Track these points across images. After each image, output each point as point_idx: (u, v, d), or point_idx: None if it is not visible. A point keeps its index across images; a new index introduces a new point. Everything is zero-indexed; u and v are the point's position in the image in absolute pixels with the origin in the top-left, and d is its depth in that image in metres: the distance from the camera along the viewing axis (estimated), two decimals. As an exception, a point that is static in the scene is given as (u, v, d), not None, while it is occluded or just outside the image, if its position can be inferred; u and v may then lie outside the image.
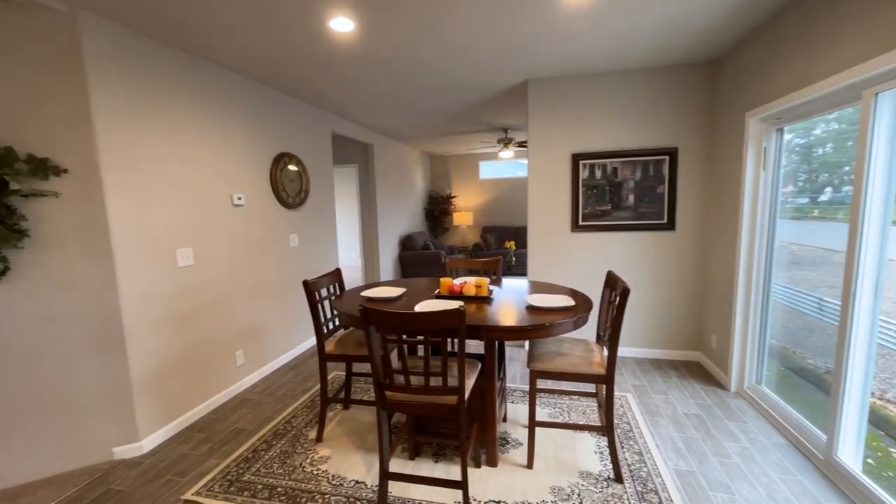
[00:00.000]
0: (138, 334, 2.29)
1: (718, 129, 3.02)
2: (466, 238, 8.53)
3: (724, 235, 2.94)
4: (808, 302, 3.08)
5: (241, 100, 3.07)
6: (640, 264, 3.39)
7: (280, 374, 3.37)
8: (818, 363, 3.25)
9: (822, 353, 2.93)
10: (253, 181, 3.21)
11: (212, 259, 2.81)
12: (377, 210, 5.87)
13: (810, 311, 2.95)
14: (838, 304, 2.56)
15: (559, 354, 2.05)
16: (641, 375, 3.12)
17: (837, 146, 2.39)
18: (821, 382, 3.32)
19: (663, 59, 2.99)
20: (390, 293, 2.30)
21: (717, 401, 2.71)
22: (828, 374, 2.97)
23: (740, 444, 2.21)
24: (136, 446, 2.29)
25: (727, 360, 2.88)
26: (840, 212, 2.50)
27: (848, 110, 1.99)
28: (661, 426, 2.41)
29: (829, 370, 3.13)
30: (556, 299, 2.07)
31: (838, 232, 2.39)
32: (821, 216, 2.57)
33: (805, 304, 2.99)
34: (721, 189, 2.98)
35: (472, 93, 3.74)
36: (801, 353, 3.76)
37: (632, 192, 3.32)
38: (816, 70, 1.98)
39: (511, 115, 4.77)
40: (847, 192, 2.38)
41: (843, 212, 2.44)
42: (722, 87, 2.96)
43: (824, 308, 2.80)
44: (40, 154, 2.00)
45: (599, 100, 3.29)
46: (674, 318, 3.39)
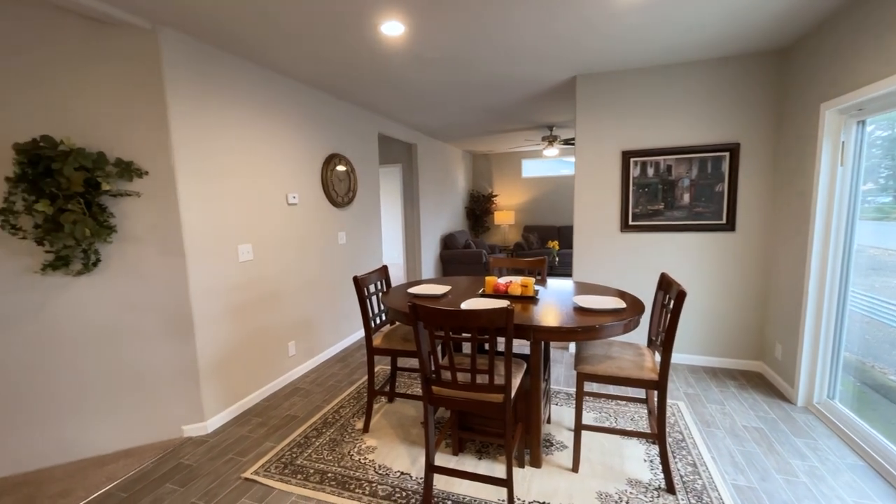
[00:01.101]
0: (204, 323, 2.48)
1: (787, 122, 2.80)
2: (508, 237, 8.46)
3: (792, 237, 2.72)
4: (892, 313, 2.78)
5: (296, 104, 3.23)
6: (696, 266, 3.22)
7: (328, 365, 3.52)
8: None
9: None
10: (305, 181, 3.38)
11: (268, 255, 2.99)
12: (420, 209, 5.97)
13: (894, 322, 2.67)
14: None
15: (608, 358, 2.00)
16: (695, 384, 2.96)
17: None
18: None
19: (727, 49, 2.82)
20: (436, 290, 2.34)
21: (781, 415, 2.52)
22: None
23: (808, 463, 2.05)
24: (202, 426, 2.49)
25: (794, 371, 2.67)
26: None
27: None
28: (716, 438, 2.28)
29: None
30: (605, 301, 2.01)
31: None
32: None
33: (888, 315, 2.71)
34: (790, 187, 2.76)
35: (519, 90, 3.71)
36: (881, 368, 3.41)
37: (687, 190, 3.16)
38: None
39: (557, 112, 4.67)
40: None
41: None
42: (792, 78, 2.74)
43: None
44: (126, 158, 2.22)
45: (653, 94, 3.15)
46: (732, 325, 3.19)
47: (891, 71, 1.90)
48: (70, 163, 1.98)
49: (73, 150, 2.02)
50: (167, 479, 2.07)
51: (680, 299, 1.77)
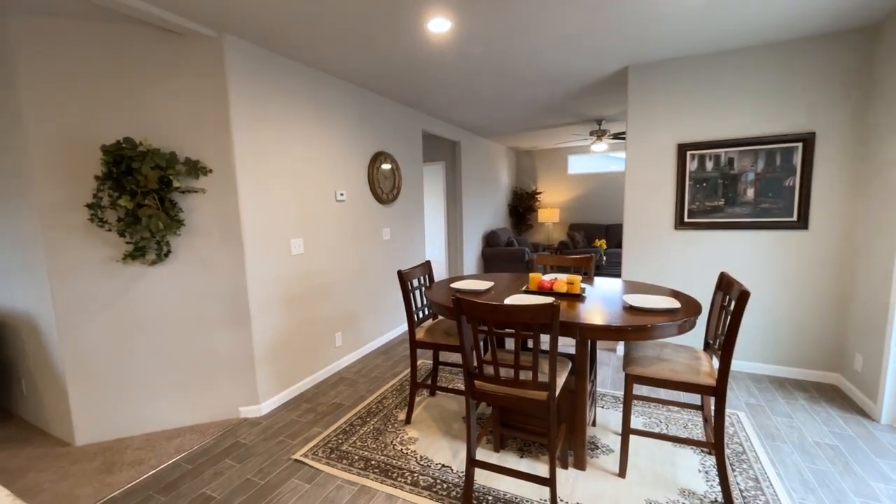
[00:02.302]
0: (259, 312, 2.64)
1: (876, 106, 2.51)
2: (552, 236, 8.27)
3: (878, 235, 2.44)
4: None
5: (344, 103, 3.35)
6: (761, 267, 2.97)
7: (373, 357, 3.62)
8: None
9: None
10: (353, 178, 3.49)
11: (318, 248, 3.12)
12: (462, 206, 5.98)
13: None
14: None
15: (660, 360, 1.90)
16: (758, 393, 2.74)
17: None
18: None
19: (800, 30, 2.57)
20: (479, 286, 2.34)
21: (861, 432, 2.27)
22: None
23: (893, 487, 1.83)
24: (256, 408, 2.65)
25: (878, 385, 2.40)
26: None
27: None
28: (782, 452, 2.10)
29: None
30: (657, 300, 1.91)
31: None
32: None
33: None
34: (878, 180, 2.48)
35: (566, 84, 3.60)
36: None
37: (751, 185, 2.92)
38: None
39: (606, 105, 4.49)
40: None
41: None
42: (883, 55, 2.45)
43: None
44: (193, 157, 2.40)
45: (713, 82, 2.94)
46: (803, 332, 2.91)
47: None
48: (147, 162, 2.18)
49: (150, 151, 2.22)
50: (226, 455, 2.22)
51: (742, 300, 1.64)
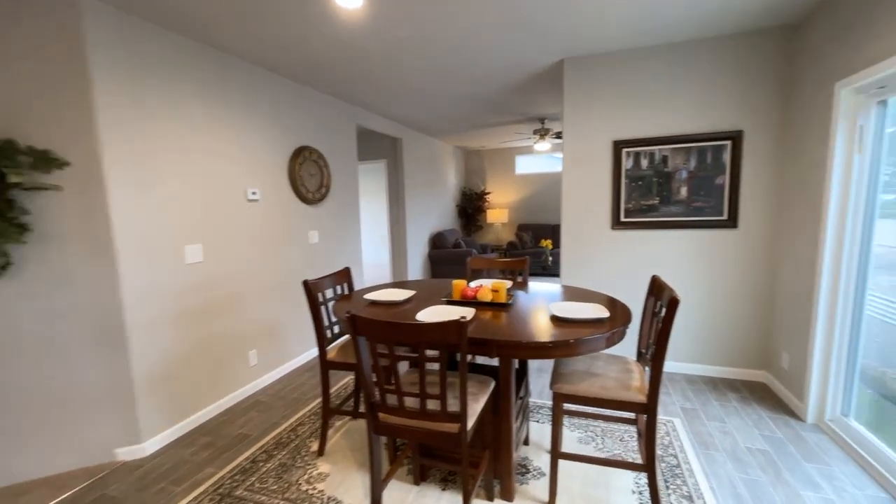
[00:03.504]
0: (142, 332, 2.21)
1: (797, 106, 2.51)
2: (501, 236, 8.18)
3: (801, 234, 2.45)
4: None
5: (257, 90, 2.96)
6: (694, 266, 2.93)
7: (295, 375, 3.25)
8: None
9: None
10: (269, 175, 3.10)
11: (224, 255, 2.71)
12: (406, 207, 5.69)
13: None
14: None
15: (590, 374, 1.72)
16: (693, 396, 2.69)
17: None
18: None
19: (728, 26, 2.53)
20: (397, 296, 2.07)
21: (789, 434, 2.24)
22: None
23: (822, 495, 1.77)
24: (139, 448, 2.22)
25: (803, 383, 2.40)
26: None
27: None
28: (716, 462, 2.01)
29: None
30: (587, 309, 1.74)
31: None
32: None
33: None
34: (799, 178, 2.48)
35: (504, 77, 3.42)
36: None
37: (684, 183, 2.88)
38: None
39: (547, 103, 4.39)
40: None
41: None
42: (804, 55, 2.45)
43: None
44: (41, 146, 1.95)
45: (646, 79, 2.87)
46: (734, 331, 2.91)
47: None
48: (-35, 150, 1.71)
49: (-29, 136, 1.75)
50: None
51: (672, 307, 1.49)
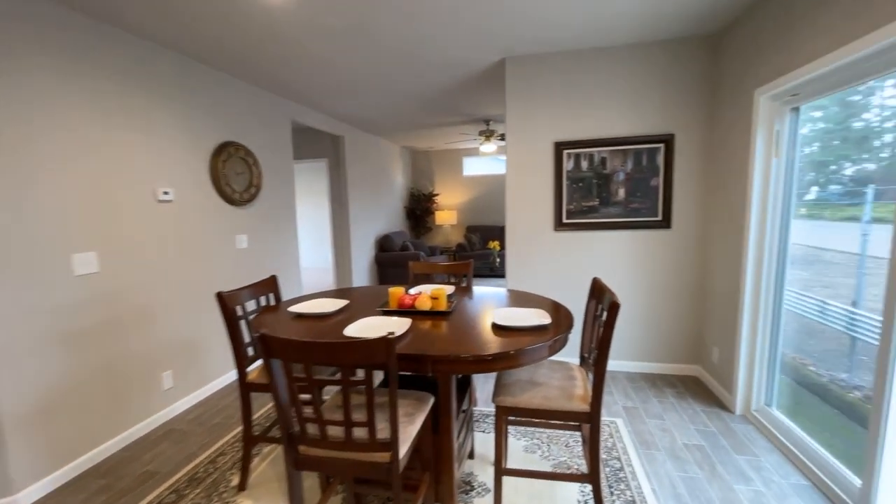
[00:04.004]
0: (13, 358, 1.83)
1: (721, 111, 2.64)
2: (450, 238, 8.12)
3: (727, 233, 2.56)
4: (822, 310, 2.71)
5: (170, 80, 2.61)
6: (632, 267, 3.00)
7: (220, 397, 2.91)
8: (836, 379, 2.93)
9: (840, 368, 2.61)
10: (187, 173, 2.76)
11: (127, 264, 2.35)
12: (349, 208, 5.42)
13: (829, 321, 2.61)
14: (849, 308, 2.23)
15: (533, 384, 1.64)
16: (634, 394, 2.73)
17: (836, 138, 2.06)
18: (841, 403, 2.97)
19: (656, 32, 2.61)
20: (328, 307, 1.87)
21: (721, 427, 2.33)
22: (847, 391, 2.62)
23: (753, 488, 1.83)
24: (11, 501, 1.83)
25: (732, 376, 2.51)
26: (828, 209, 2.21)
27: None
28: (657, 462, 2.02)
29: (843, 385, 2.80)
30: (529, 315, 1.66)
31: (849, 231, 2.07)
32: (810, 214, 2.23)
33: (813, 311, 2.62)
34: (725, 181, 2.60)
35: (446, 74, 3.32)
36: (814, 368, 3.37)
37: (622, 185, 2.93)
38: (851, 27, 1.60)
39: (492, 103, 4.36)
40: (832, 190, 2.11)
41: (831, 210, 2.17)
42: (726, 63, 2.58)
43: (828, 313, 2.49)
44: None
45: (585, 80, 2.89)
46: (669, 328, 3.01)
47: (825, 49, 1.71)
48: None
49: None
50: None
51: (613, 312, 1.45)
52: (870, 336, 2.75)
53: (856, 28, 1.57)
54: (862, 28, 1.55)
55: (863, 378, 3.18)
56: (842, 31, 1.64)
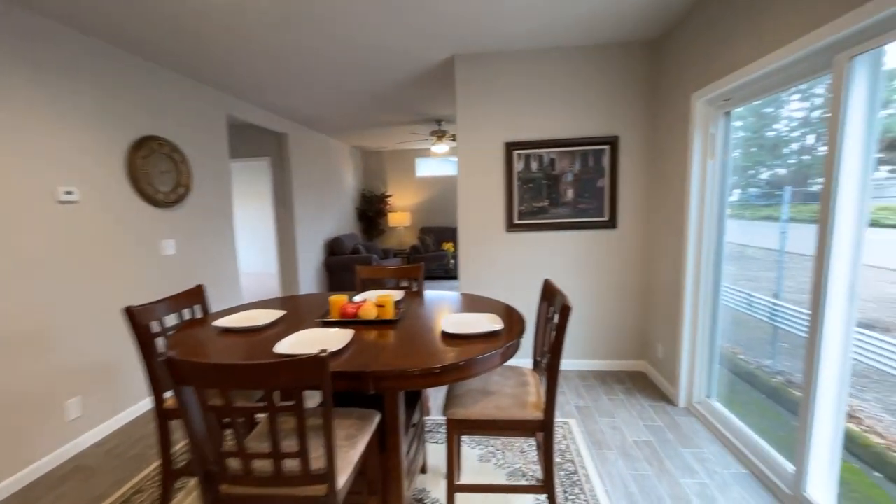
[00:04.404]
0: None
1: (662, 114, 2.73)
2: (404, 240, 7.96)
3: (669, 233, 2.66)
4: (749, 302, 2.91)
5: (73, 63, 2.27)
6: (582, 266, 3.04)
7: (140, 425, 2.58)
8: (762, 366, 3.14)
9: (764, 355, 2.82)
10: (96, 169, 2.42)
11: (17, 277, 2.00)
12: (295, 209, 5.13)
13: (755, 312, 2.79)
14: (771, 300, 2.39)
15: (485, 393, 1.57)
16: (585, 393, 2.76)
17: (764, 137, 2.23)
18: (767, 388, 3.18)
19: (600, 36, 2.65)
20: (261, 319, 1.69)
21: (667, 421, 2.39)
22: (771, 377, 2.82)
23: (698, 480, 1.88)
24: None
25: (675, 370, 2.60)
26: (757, 209, 2.41)
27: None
28: (609, 462, 2.03)
29: (768, 370, 3.03)
30: (480, 321, 1.58)
31: (774, 230, 2.25)
32: (734, 214, 2.40)
33: (742, 304, 2.79)
34: (666, 182, 2.69)
35: (394, 70, 3.19)
36: (747, 358, 3.59)
37: (571, 185, 2.97)
38: (777, 35, 1.68)
39: (443, 103, 4.29)
40: (752, 192, 2.29)
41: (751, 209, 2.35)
42: (666, 68, 2.67)
43: (754, 305, 2.69)
44: None
45: (534, 81, 2.90)
46: (617, 326, 3.08)
47: (752, 57, 1.79)
48: None
49: None
50: None
51: (565, 315, 1.41)
52: (789, 325, 3.02)
53: (778, 38, 1.65)
54: (783, 38, 1.63)
55: (783, 363, 3.48)
56: (766, 40, 1.72)
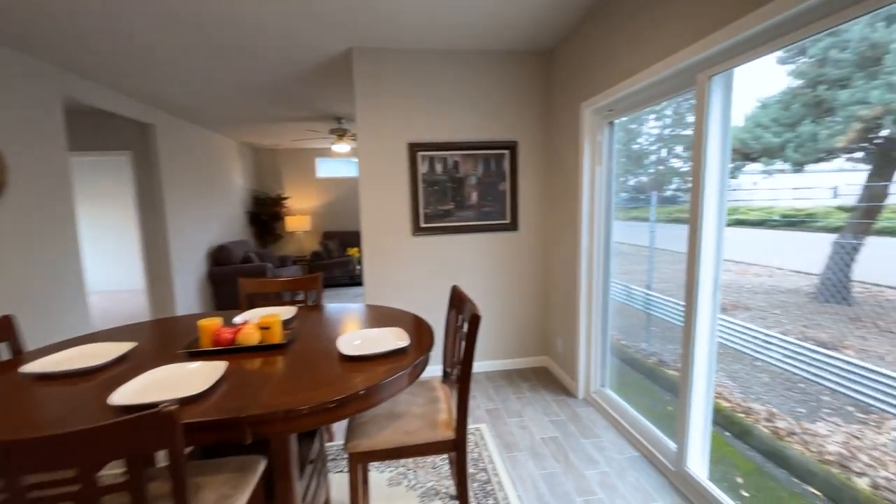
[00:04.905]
0: None
1: (556, 121, 2.88)
2: (304, 246, 7.39)
3: (565, 234, 2.80)
4: (627, 293, 3.25)
5: None
6: (487, 268, 3.08)
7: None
8: (640, 349, 3.54)
9: (640, 339, 3.18)
10: None
11: None
12: (167, 214, 4.36)
13: (632, 301, 3.15)
14: (644, 290, 2.69)
15: (392, 417, 1.43)
16: (494, 394, 2.78)
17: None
18: (644, 368, 3.58)
19: (499, 43, 2.70)
20: (96, 358, 1.31)
21: (568, 413, 2.51)
22: (647, 358, 3.18)
23: (600, 470, 1.98)
24: None
25: (574, 363, 2.75)
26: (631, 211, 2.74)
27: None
28: (520, 464, 2.03)
29: (644, 352, 3.41)
30: (385, 338, 1.43)
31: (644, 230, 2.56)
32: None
33: (621, 295, 3.09)
34: (562, 186, 2.84)
35: (286, 59, 2.86)
36: (630, 346, 4.00)
37: (475, 189, 2.97)
38: (649, 55, 1.84)
39: (343, 99, 4.02)
40: (623, 196, 2.61)
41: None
42: (559, 76, 2.81)
43: (632, 295, 3.05)
44: None
45: (437, 81, 2.84)
46: (521, 324, 3.18)
47: (634, 70, 1.95)
48: None
49: None
50: None
51: (474, 324, 1.34)
52: (659, 311, 3.48)
53: (652, 56, 1.81)
54: (656, 56, 1.78)
55: (654, 346, 3.97)
56: (642, 57, 1.88)
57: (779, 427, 2.75)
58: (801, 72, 3.21)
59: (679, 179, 4.04)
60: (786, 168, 3.77)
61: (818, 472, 2.17)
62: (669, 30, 1.71)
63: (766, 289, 2.94)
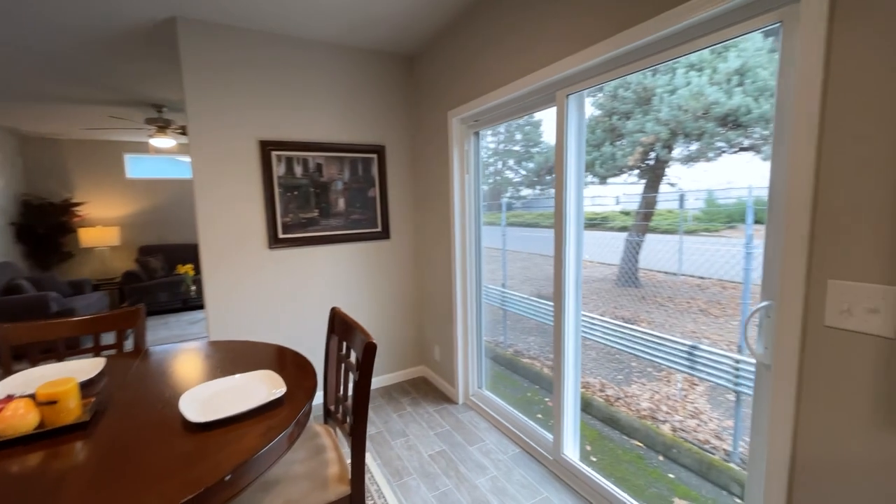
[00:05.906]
0: None
1: (425, 127, 2.84)
2: (110, 265, 5.76)
3: (439, 241, 2.79)
4: (485, 292, 3.43)
5: None
6: (360, 280, 2.85)
7: None
8: (499, 342, 3.79)
9: (498, 333, 3.41)
10: None
11: None
12: None
13: (490, 299, 3.35)
14: (500, 289, 2.91)
15: (268, 486, 1.12)
16: (374, 417, 2.58)
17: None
18: (504, 360, 3.84)
19: (363, 40, 2.52)
20: None
21: (452, 422, 2.49)
22: (505, 350, 3.43)
23: (489, 475, 1.99)
24: None
25: (452, 369, 2.76)
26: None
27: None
28: (412, 491, 1.90)
29: (503, 345, 3.68)
30: (250, 386, 1.11)
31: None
32: None
33: (483, 294, 3.25)
34: (433, 193, 2.81)
35: (80, 19, 2.10)
36: (498, 343, 4.24)
37: (341, 194, 2.72)
38: (512, 70, 1.94)
39: (167, 83, 3.22)
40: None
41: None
42: (427, 82, 2.77)
43: (489, 293, 3.29)
44: None
45: (292, 72, 2.49)
46: (397, 336, 3.06)
47: (498, 84, 2.03)
48: None
49: None
50: None
51: (369, 356, 1.15)
52: (513, 307, 3.79)
53: (515, 71, 1.91)
54: (519, 72, 1.89)
55: (510, 338, 4.34)
56: (506, 73, 1.97)
57: (608, 395, 3.29)
58: (601, 103, 3.96)
59: (512, 188, 4.58)
60: (594, 181, 4.57)
61: (639, 427, 2.65)
62: (530, 48, 1.82)
63: (584, 279, 3.48)
